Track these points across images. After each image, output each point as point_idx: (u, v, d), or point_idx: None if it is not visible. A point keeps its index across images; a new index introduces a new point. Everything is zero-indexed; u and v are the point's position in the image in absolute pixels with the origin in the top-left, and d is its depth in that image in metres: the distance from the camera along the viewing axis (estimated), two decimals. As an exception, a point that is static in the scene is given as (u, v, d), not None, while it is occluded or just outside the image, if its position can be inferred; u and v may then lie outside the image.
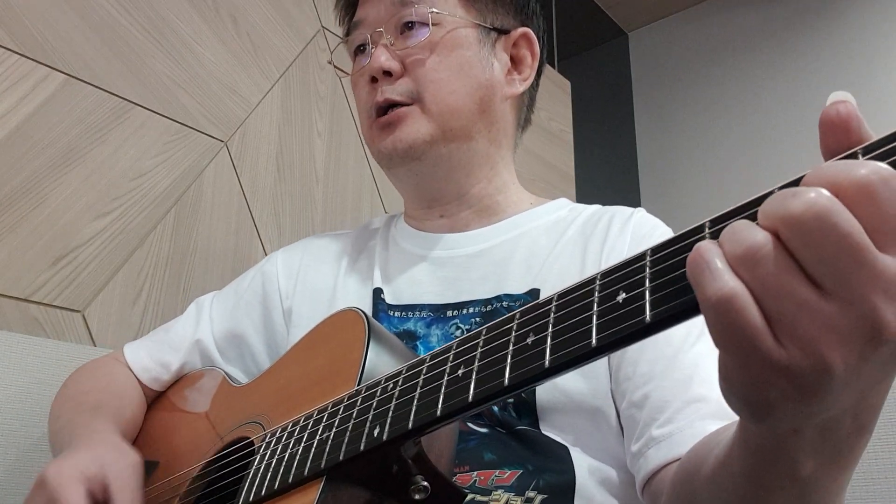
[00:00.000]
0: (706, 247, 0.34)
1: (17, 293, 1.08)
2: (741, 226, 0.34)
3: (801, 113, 2.76)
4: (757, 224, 0.33)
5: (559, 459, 0.71)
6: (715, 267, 0.33)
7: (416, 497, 0.52)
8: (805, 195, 0.32)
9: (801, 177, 0.34)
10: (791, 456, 0.40)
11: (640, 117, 3.21)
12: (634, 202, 3.04)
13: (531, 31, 0.91)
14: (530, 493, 0.67)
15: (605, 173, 3.09)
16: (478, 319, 0.79)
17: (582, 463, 0.71)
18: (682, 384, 0.68)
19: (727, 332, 0.33)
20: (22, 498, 0.96)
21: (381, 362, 0.59)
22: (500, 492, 0.67)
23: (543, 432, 0.72)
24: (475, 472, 0.68)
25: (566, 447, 0.72)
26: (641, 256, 0.39)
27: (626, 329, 0.37)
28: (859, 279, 0.31)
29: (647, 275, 0.37)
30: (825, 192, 0.32)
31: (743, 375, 0.34)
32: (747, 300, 0.33)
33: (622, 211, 0.86)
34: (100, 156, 1.21)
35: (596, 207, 0.90)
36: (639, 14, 3.22)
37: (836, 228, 0.31)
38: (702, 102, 3.05)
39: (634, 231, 0.81)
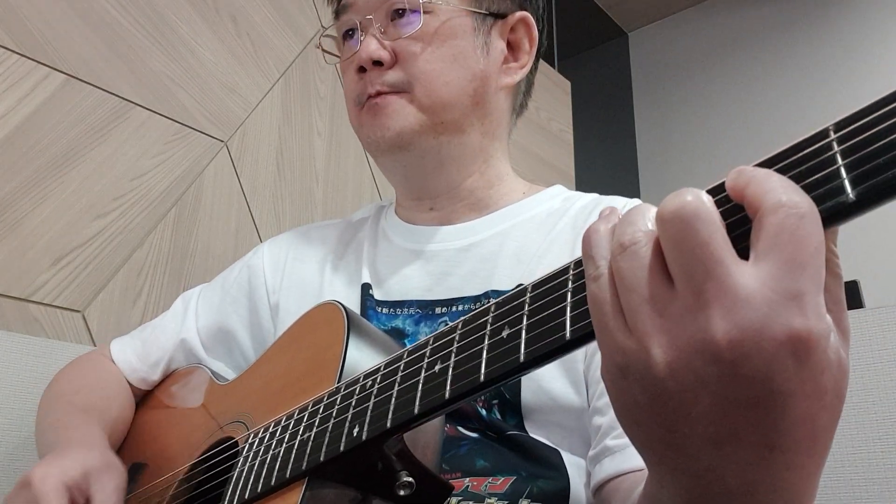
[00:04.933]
0: (596, 228, 0.36)
1: (17, 293, 1.09)
2: (637, 215, 0.34)
3: (801, 112, 2.75)
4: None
5: (553, 466, 0.69)
6: (596, 253, 0.35)
7: (402, 493, 0.51)
8: (683, 196, 0.32)
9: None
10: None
11: (640, 117, 3.21)
12: (637, 202, 3.02)
13: (529, 15, 0.85)
14: (524, 501, 0.66)
15: (605, 173, 3.08)
16: None
17: (575, 468, 0.69)
18: None
19: (593, 317, 0.35)
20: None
21: (361, 357, 0.58)
22: (493, 499, 0.66)
23: (531, 434, 0.70)
24: (467, 479, 0.67)
25: (559, 452, 0.70)
26: None
27: None
28: (706, 288, 0.31)
29: None
30: (704, 195, 0.32)
31: (604, 369, 0.36)
32: (605, 292, 0.34)
33: (617, 201, 0.82)
34: (100, 156, 1.22)
35: (591, 198, 0.85)
36: (639, 14, 3.22)
37: (698, 235, 0.31)
38: (701, 102, 3.04)
39: None
